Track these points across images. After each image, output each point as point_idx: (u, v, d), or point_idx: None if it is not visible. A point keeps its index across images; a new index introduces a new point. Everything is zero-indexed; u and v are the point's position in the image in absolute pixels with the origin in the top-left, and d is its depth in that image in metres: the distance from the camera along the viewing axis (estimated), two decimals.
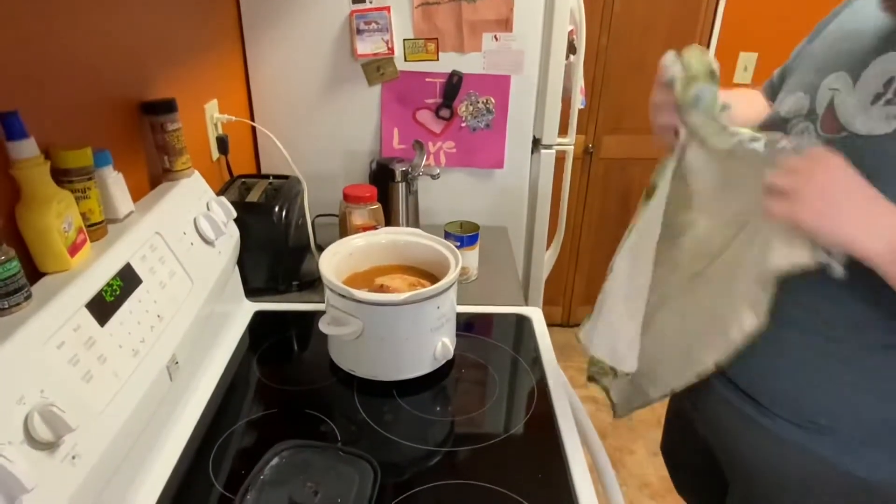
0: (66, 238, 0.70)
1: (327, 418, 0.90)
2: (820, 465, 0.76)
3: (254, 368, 1.02)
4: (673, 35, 2.27)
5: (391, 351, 0.96)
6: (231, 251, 1.07)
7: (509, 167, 1.55)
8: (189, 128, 1.08)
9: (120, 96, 0.92)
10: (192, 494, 0.78)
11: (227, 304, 1.11)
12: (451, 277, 0.95)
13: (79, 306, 0.67)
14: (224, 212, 1.03)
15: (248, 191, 1.23)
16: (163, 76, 1.05)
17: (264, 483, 0.75)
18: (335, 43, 1.41)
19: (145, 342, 0.76)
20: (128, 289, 0.76)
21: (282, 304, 1.20)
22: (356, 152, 1.53)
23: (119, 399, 0.69)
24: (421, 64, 1.44)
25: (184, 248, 0.92)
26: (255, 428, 0.89)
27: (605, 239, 2.63)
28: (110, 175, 0.82)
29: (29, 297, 0.63)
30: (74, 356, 0.64)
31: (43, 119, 0.72)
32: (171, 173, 0.99)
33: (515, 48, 1.42)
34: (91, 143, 0.76)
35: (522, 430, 0.90)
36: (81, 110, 0.82)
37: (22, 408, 0.56)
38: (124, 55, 0.92)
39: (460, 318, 1.06)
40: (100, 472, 0.65)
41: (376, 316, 0.93)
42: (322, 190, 1.39)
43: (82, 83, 0.82)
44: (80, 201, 0.74)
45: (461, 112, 1.49)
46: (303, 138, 1.50)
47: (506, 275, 1.35)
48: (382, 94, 1.47)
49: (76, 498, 0.60)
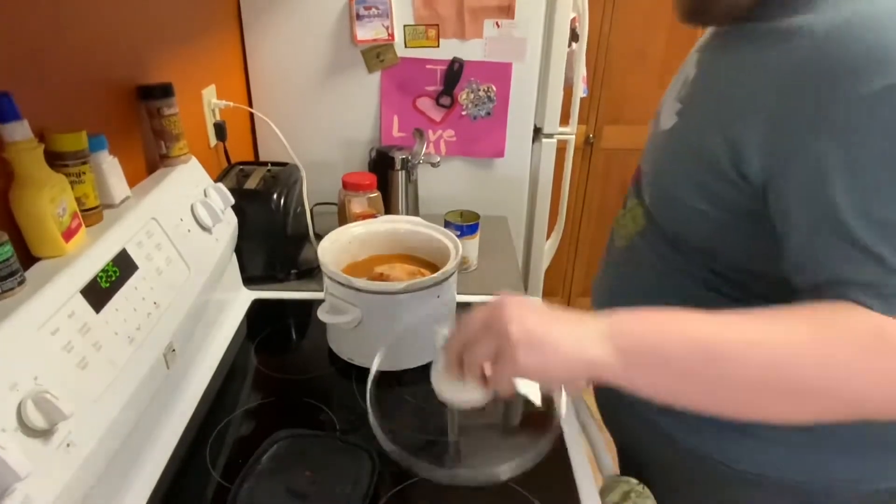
0: (61, 223, 0.69)
1: (326, 407, 0.90)
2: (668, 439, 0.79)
3: (252, 357, 1.01)
4: (675, 24, 2.24)
5: (390, 340, 0.95)
6: (229, 238, 1.06)
7: (510, 156, 1.54)
8: (186, 113, 1.06)
9: (116, 80, 0.90)
10: (189, 483, 0.77)
11: (224, 292, 1.10)
12: (451, 267, 0.94)
13: (73, 292, 0.66)
14: (222, 199, 1.02)
15: (246, 178, 1.22)
16: (160, 60, 1.03)
17: (262, 472, 0.75)
18: (334, 28, 1.39)
19: (141, 329, 0.75)
20: (123, 275, 0.75)
21: (280, 293, 1.19)
22: (355, 140, 1.52)
23: (115, 387, 0.68)
24: (421, 50, 1.42)
25: (181, 235, 0.91)
26: (253, 417, 0.88)
27: (605, 230, 2.61)
28: (106, 160, 0.81)
29: (22, 283, 0.62)
30: (69, 343, 0.63)
31: (37, 102, 0.71)
32: (168, 159, 0.98)
33: (517, 35, 1.41)
34: (86, 127, 0.75)
35: (522, 419, 0.89)
36: (77, 94, 0.81)
37: (15, 394, 0.55)
38: (121, 38, 0.91)
39: (460, 307, 1.05)
40: (95, 461, 0.64)
41: (375, 304, 0.92)
42: (321, 178, 1.38)
43: (78, 66, 0.81)
44: (74, 186, 0.73)
45: (462, 100, 1.47)
46: (302, 125, 1.49)
47: (506, 265, 1.34)
48: (382, 81, 1.45)
49: (71, 486, 0.59)
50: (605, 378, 0.55)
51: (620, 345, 0.54)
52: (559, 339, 0.55)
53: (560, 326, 0.56)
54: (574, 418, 0.90)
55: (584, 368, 0.55)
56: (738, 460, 0.75)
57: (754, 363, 0.52)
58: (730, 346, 0.53)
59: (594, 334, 0.55)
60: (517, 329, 0.55)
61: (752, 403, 0.55)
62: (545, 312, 0.57)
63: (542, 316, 0.57)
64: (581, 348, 0.54)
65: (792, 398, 0.53)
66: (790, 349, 0.52)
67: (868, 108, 0.51)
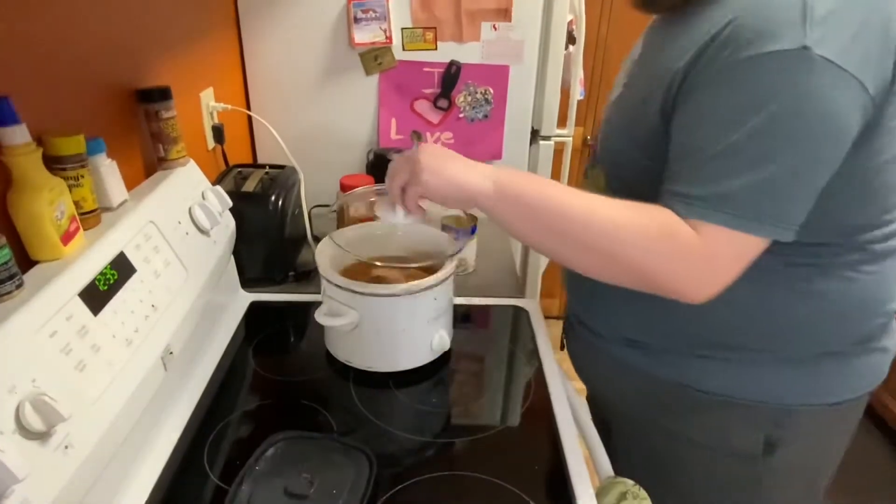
0: (59, 226, 0.69)
1: (323, 409, 0.90)
2: (637, 372, 0.88)
3: (249, 359, 1.02)
4: None
5: (388, 342, 0.95)
6: (226, 241, 1.06)
7: (507, 158, 1.54)
8: (184, 116, 1.07)
9: (114, 83, 0.90)
10: (187, 485, 0.77)
11: (222, 295, 1.10)
12: (448, 269, 0.94)
13: (71, 295, 0.66)
14: (220, 201, 1.03)
15: (244, 180, 1.22)
16: (158, 64, 1.04)
17: (259, 474, 0.75)
18: (332, 31, 1.40)
19: (139, 332, 0.76)
20: (121, 278, 0.75)
21: (278, 295, 1.19)
22: (353, 142, 1.52)
23: (113, 389, 0.68)
24: (419, 53, 1.43)
25: (178, 238, 0.91)
26: (251, 419, 0.88)
27: None
28: (104, 163, 0.81)
29: (21, 286, 0.62)
30: (67, 345, 0.63)
31: (35, 105, 0.71)
32: (166, 162, 0.98)
33: (514, 38, 1.41)
34: (84, 130, 0.75)
35: (519, 421, 0.90)
36: (75, 97, 0.81)
37: (13, 397, 0.55)
38: (119, 42, 0.91)
39: (457, 309, 1.06)
40: (93, 463, 0.64)
41: (373, 307, 0.92)
42: (319, 180, 1.38)
43: (76, 70, 0.81)
44: (72, 189, 0.73)
45: (459, 102, 1.48)
46: (300, 128, 1.49)
47: (503, 267, 1.34)
48: (380, 84, 1.46)
49: (68, 488, 0.60)
50: (482, 204, 0.75)
51: (497, 182, 0.74)
52: (455, 170, 0.76)
53: (458, 162, 0.77)
54: (572, 418, 0.90)
55: (470, 194, 0.75)
56: (701, 382, 0.84)
57: (578, 221, 0.70)
58: (567, 206, 0.71)
59: (482, 173, 0.75)
60: (425, 159, 0.76)
61: (570, 250, 0.73)
62: (451, 155, 0.78)
63: (447, 155, 0.78)
64: (470, 178, 0.75)
65: (594, 253, 0.71)
66: (605, 219, 0.69)
67: (739, 69, 0.63)
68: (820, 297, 0.77)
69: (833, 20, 0.61)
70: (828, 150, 0.64)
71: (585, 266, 0.74)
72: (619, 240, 0.68)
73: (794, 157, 0.63)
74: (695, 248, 0.66)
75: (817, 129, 0.63)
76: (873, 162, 0.69)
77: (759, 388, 0.82)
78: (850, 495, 1.97)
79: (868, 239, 0.76)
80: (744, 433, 0.85)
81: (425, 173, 0.75)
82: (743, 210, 0.65)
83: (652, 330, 0.86)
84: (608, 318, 0.91)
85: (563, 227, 0.71)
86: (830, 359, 0.81)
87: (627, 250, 0.68)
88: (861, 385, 0.84)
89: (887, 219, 0.76)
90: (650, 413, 0.91)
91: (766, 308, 0.78)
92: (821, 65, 0.60)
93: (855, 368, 0.83)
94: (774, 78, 0.62)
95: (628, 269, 0.70)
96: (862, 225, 0.75)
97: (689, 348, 0.83)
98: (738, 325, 0.80)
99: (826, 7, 0.61)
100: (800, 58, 0.60)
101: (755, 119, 0.63)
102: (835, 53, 0.60)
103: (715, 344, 0.82)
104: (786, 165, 0.64)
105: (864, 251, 0.76)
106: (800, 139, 0.63)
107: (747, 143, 0.64)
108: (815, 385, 0.82)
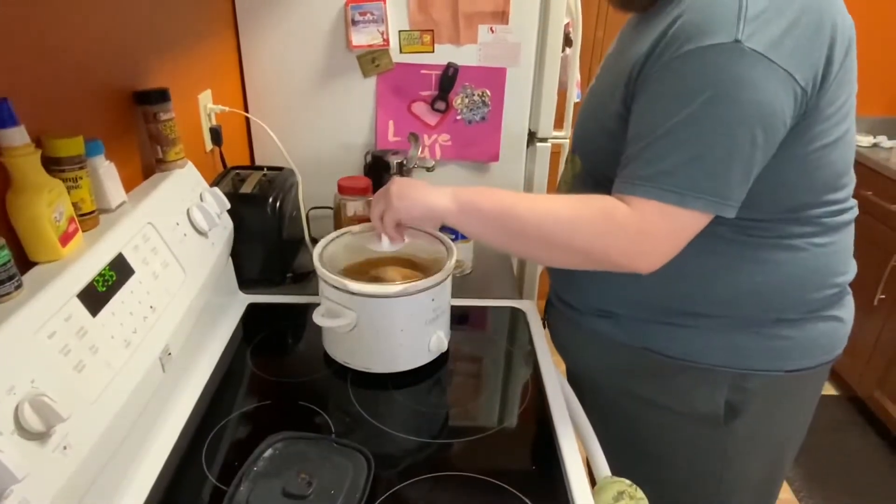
0: (58, 227, 0.69)
1: (321, 410, 0.90)
2: (608, 341, 0.95)
3: (247, 360, 1.02)
4: None
5: (385, 343, 0.96)
6: (225, 243, 1.06)
7: (504, 160, 1.55)
8: (182, 118, 1.07)
9: (113, 85, 0.91)
10: (185, 486, 0.78)
11: (220, 296, 1.10)
12: (445, 270, 0.95)
13: (70, 296, 0.67)
14: (218, 203, 1.03)
15: (242, 182, 1.22)
16: (156, 66, 1.04)
17: (258, 475, 0.75)
18: (330, 34, 1.40)
19: (138, 333, 0.76)
20: (120, 279, 0.76)
21: (276, 297, 1.19)
22: (351, 144, 1.53)
23: (111, 389, 0.68)
24: (416, 56, 1.43)
25: (177, 239, 0.91)
26: (249, 420, 0.89)
27: None
28: (102, 164, 0.81)
29: (20, 287, 0.63)
30: (66, 346, 0.63)
31: (34, 107, 0.71)
32: (164, 164, 0.98)
33: (511, 40, 1.42)
34: (83, 132, 0.75)
35: (516, 422, 0.90)
36: (73, 99, 0.81)
37: (12, 398, 0.55)
38: (117, 44, 0.92)
39: (455, 311, 1.06)
40: (91, 463, 0.64)
41: (371, 308, 0.92)
42: (316, 182, 1.38)
43: (74, 71, 0.81)
44: (71, 191, 0.73)
45: (457, 104, 1.48)
46: (297, 130, 1.49)
47: (500, 268, 1.35)
48: (378, 86, 1.46)
49: (67, 488, 0.60)
50: (448, 220, 0.85)
51: (458, 200, 0.83)
52: (421, 194, 0.86)
53: (424, 188, 0.87)
54: (569, 419, 0.90)
55: (437, 213, 0.85)
56: (666, 348, 0.90)
57: (531, 222, 0.79)
58: (520, 210, 0.80)
59: (445, 194, 0.84)
60: (395, 189, 0.88)
61: (531, 248, 0.83)
62: (417, 183, 0.88)
63: (414, 183, 0.88)
64: (435, 200, 0.85)
65: (552, 246, 0.80)
66: (554, 215, 0.78)
67: (681, 61, 0.70)
68: (773, 266, 0.83)
69: (764, 18, 0.68)
70: (760, 133, 0.70)
71: (548, 258, 0.86)
72: (569, 230, 0.77)
73: (727, 138, 0.70)
74: (630, 223, 0.74)
75: (749, 114, 0.69)
76: (814, 145, 0.76)
77: (719, 353, 0.88)
78: (850, 495, 1.97)
79: (817, 214, 0.82)
80: (706, 397, 0.90)
81: (395, 199, 0.87)
82: (678, 186, 0.71)
83: (619, 301, 0.92)
84: (581, 293, 0.98)
85: (519, 229, 0.80)
86: (784, 325, 0.86)
87: (577, 238, 0.77)
88: (817, 353, 0.89)
89: (834, 198, 0.82)
90: (621, 379, 0.97)
91: (721, 276, 0.85)
92: (751, 56, 0.67)
93: (809, 335, 0.88)
94: (710, 68, 0.69)
95: (583, 254, 0.78)
96: (809, 202, 0.81)
97: (653, 316, 0.90)
98: (695, 293, 0.86)
99: (759, 7, 0.68)
100: (733, 50, 0.67)
101: (693, 105, 0.69)
102: (764, 47, 0.67)
103: (676, 311, 0.88)
104: (720, 146, 0.70)
105: (815, 224, 0.83)
106: (733, 123, 0.70)
107: (685, 126, 0.70)
108: (770, 350, 0.87)
